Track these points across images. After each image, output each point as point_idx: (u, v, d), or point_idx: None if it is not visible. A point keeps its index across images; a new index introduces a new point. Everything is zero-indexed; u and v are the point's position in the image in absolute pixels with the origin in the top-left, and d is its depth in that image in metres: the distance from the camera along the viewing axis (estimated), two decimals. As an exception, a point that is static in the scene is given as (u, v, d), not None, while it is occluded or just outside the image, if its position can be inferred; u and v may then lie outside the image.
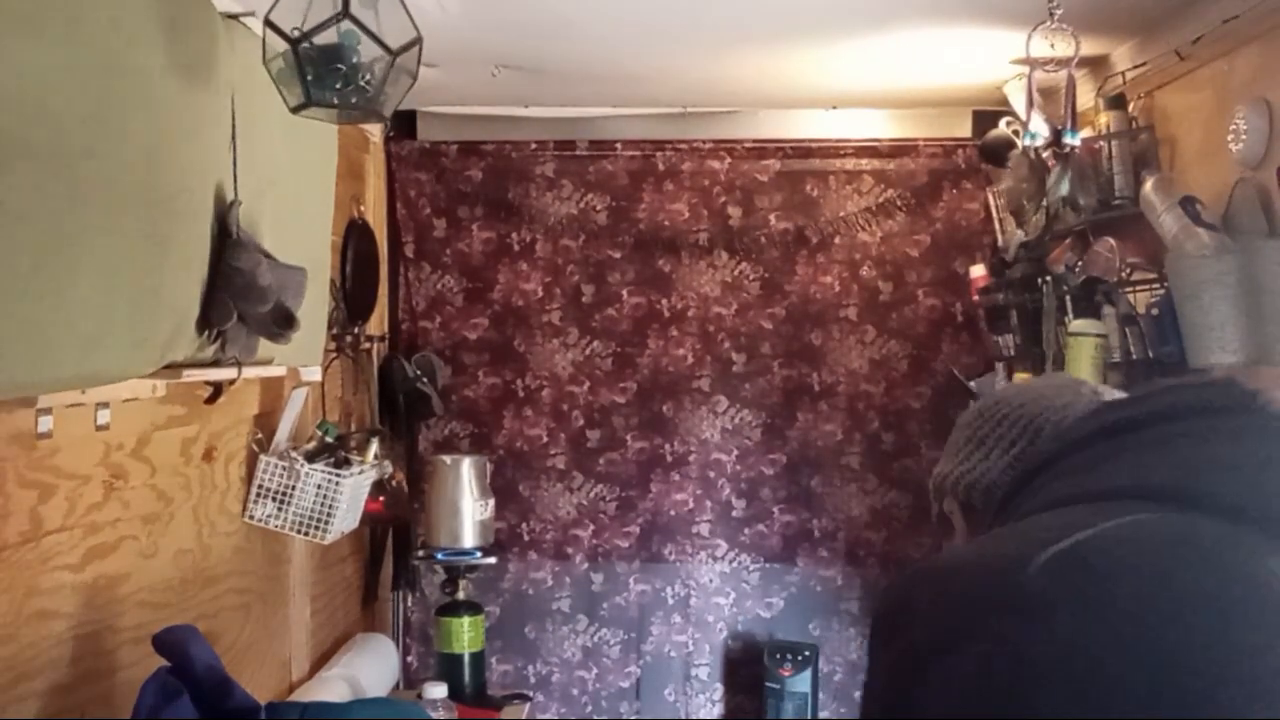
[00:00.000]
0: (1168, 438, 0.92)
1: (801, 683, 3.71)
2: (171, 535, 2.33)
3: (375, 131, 3.72)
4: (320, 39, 1.88)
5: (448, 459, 3.49)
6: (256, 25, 2.33)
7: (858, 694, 3.92)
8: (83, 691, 1.97)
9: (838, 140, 3.86)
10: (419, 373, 3.72)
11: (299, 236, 2.61)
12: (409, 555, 3.72)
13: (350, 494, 2.82)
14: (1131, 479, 0.91)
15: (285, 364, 2.53)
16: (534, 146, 3.90)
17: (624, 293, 3.92)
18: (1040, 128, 2.75)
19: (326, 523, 2.76)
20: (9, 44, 1.47)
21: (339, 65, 1.89)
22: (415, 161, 3.92)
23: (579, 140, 3.90)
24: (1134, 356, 2.57)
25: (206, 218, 2.10)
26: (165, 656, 2.00)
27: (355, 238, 3.47)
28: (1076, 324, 2.72)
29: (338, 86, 1.92)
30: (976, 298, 3.48)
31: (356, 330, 3.47)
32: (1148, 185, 2.58)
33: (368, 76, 1.92)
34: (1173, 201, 2.45)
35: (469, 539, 3.46)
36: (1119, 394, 1.15)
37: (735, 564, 3.94)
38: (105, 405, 2.01)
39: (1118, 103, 2.84)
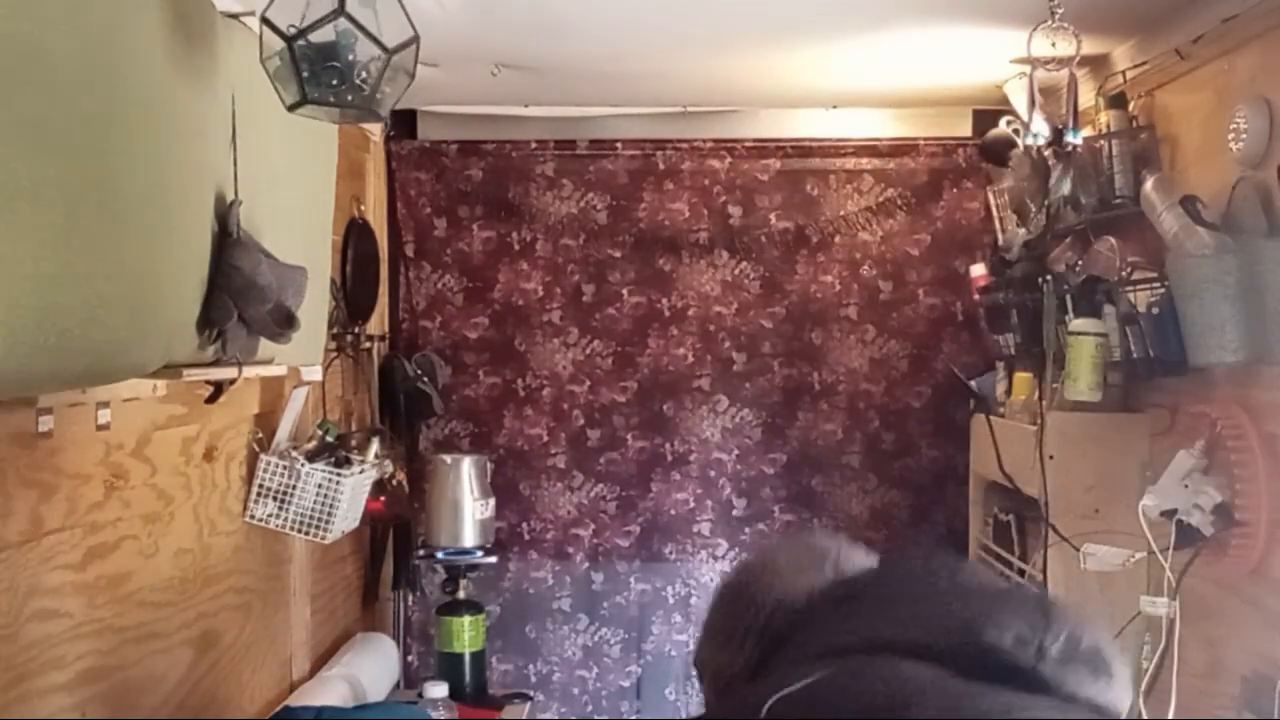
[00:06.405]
0: (875, 599, 1.02)
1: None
2: (172, 535, 2.33)
3: (375, 131, 3.72)
4: (316, 37, 1.88)
5: (448, 458, 3.49)
6: (256, 24, 2.34)
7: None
8: (83, 691, 1.98)
9: (838, 140, 3.86)
10: (419, 372, 3.72)
11: (299, 236, 2.61)
12: (409, 555, 3.72)
13: (351, 493, 2.82)
14: (842, 637, 0.99)
15: (285, 363, 2.53)
16: (534, 146, 3.90)
17: (624, 292, 3.92)
18: (1042, 127, 2.75)
19: (327, 522, 2.77)
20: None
21: (334, 63, 1.89)
22: (415, 161, 3.92)
23: (579, 140, 3.90)
24: (1134, 355, 2.57)
25: (206, 217, 2.09)
26: None
27: (355, 237, 3.47)
28: (1077, 323, 2.71)
29: (333, 84, 1.91)
30: (977, 297, 3.48)
31: (357, 330, 3.47)
32: (1148, 184, 2.58)
33: (364, 75, 1.91)
34: (1173, 201, 2.45)
35: (469, 538, 3.46)
36: (862, 559, 1.15)
37: (736, 563, 3.93)
38: (105, 405, 2.01)
39: (1118, 102, 2.84)
